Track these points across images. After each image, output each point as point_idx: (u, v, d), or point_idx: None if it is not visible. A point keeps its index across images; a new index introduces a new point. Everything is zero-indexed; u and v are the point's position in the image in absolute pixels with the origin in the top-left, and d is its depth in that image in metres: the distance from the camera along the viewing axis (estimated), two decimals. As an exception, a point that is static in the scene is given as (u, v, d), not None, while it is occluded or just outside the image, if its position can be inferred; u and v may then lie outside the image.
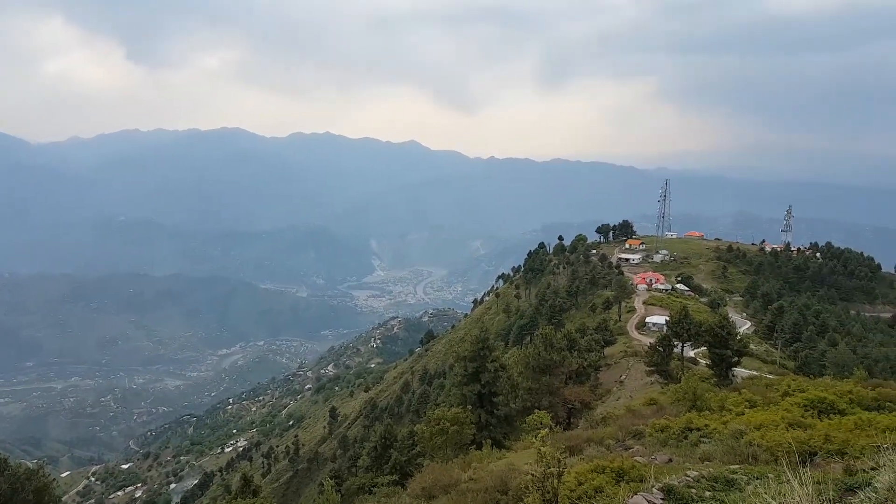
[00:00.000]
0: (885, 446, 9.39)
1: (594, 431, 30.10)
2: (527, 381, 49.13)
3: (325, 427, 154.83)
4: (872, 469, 9.67)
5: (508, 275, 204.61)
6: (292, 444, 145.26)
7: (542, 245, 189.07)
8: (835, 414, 26.24)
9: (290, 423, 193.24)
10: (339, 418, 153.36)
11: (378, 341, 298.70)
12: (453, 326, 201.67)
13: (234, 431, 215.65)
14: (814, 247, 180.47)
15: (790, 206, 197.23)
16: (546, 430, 19.23)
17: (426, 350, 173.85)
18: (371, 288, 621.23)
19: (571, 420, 44.95)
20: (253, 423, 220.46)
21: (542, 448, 13.32)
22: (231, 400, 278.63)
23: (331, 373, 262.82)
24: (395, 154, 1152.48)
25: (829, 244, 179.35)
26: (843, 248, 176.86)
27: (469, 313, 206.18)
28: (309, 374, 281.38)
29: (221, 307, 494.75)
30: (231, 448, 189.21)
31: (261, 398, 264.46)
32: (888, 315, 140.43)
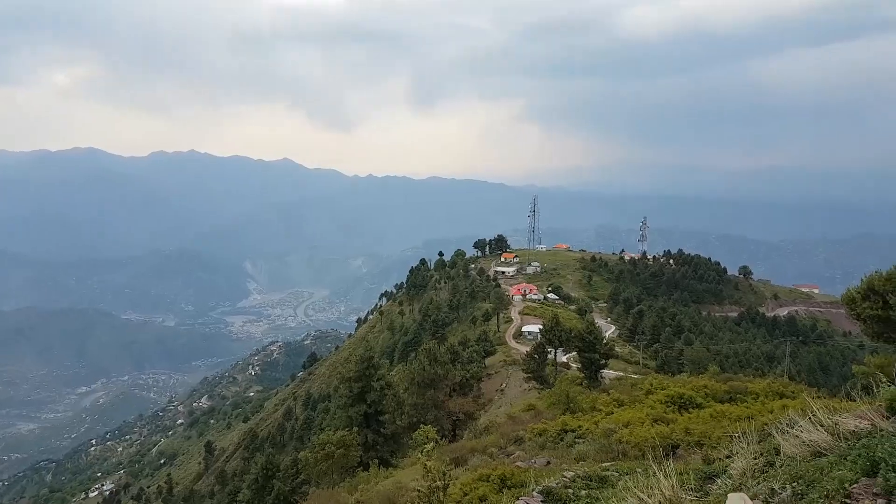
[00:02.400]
0: (736, 435, 10.28)
1: (478, 441, 30.57)
2: (412, 396, 49.06)
3: (200, 463, 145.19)
4: (727, 457, 10.42)
5: (391, 292, 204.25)
6: (165, 483, 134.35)
7: (423, 261, 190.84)
8: (693, 408, 28.53)
9: (162, 461, 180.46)
10: (216, 452, 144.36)
11: (257, 368, 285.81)
12: (337, 347, 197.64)
13: (99, 474, 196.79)
14: (667, 254, 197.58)
15: (645, 218, 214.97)
16: (432, 444, 19.27)
17: (309, 374, 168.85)
18: (247, 313, 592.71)
19: (457, 432, 45.39)
20: (120, 464, 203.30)
21: (427, 463, 13.26)
22: (94, 441, 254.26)
23: (205, 405, 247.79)
24: (268, 172, 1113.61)
25: (680, 251, 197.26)
26: (693, 254, 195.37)
27: (353, 333, 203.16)
28: (180, 408, 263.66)
29: (79, 341, 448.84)
30: (96, 492, 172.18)
31: (128, 437, 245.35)
32: (735, 314, 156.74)
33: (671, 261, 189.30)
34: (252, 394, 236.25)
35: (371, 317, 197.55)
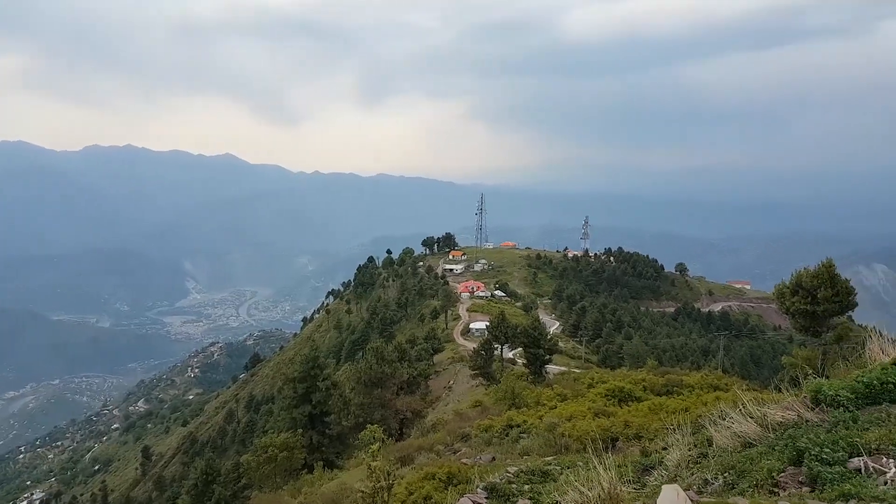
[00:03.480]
0: (672, 427, 10.59)
1: (425, 439, 30.55)
2: (359, 396, 48.59)
3: (137, 469, 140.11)
4: (664, 449, 10.72)
5: (339, 290, 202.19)
6: (99, 490, 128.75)
7: (371, 259, 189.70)
8: (633, 401, 29.40)
9: (96, 467, 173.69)
10: (154, 457, 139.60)
11: (196, 370, 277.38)
12: (282, 347, 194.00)
13: (29, 483, 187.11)
14: (608, 252, 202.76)
15: (587, 216, 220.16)
16: (377, 444, 19.10)
17: (252, 375, 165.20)
18: (186, 313, 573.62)
19: (404, 430, 45.25)
20: (51, 471, 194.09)
21: (371, 463, 13.14)
22: (23, 448, 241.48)
23: (142, 409, 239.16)
24: (209, 168, 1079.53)
25: (620, 249, 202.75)
26: (632, 252, 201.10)
27: (298, 332, 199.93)
28: (116, 412, 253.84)
29: (6, 344, 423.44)
30: (25, 502, 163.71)
31: (59, 443, 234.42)
32: (672, 310, 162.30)
33: (612, 258, 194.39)
34: (192, 397, 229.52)
35: (317, 316, 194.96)
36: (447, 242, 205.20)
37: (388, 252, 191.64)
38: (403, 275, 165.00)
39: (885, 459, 6.74)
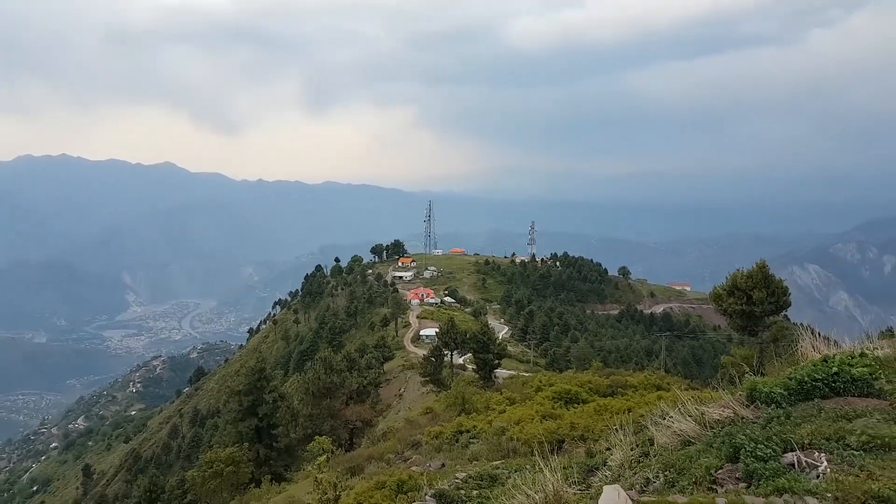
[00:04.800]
0: (616, 428, 10.76)
1: (375, 448, 30.22)
2: (307, 407, 47.75)
3: (78, 488, 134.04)
4: (608, 449, 10.87)
5: (286, 300, 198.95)
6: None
7: (319, 268, 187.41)
8: (579, 403, 29.83)
9: (34, 488, 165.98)
10: (95, 476, 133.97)
11: (138, 385, 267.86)
12: (227, 360, 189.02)
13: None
14: (554, 257, 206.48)
15: (533, 222, 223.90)
16: (324, 455, 18.75)
17: (196, 389, 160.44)
18: (126, 326, 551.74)
19: (354, 440, 44.66)
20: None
21: (318, 475, 12.86)
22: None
23: (82, 426, 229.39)
24: (148, 177, 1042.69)
25: (565, 254, 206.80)
26: (577, 256, 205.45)
27: (244, 344, 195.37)
28: (54, 430, 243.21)
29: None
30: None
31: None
32: (616, 312, 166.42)
33: (557, 263, 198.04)
34: (134, 412, 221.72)
35: (264, 326, 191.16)
36: (396, 250, 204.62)
37: (337, 260, 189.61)
38: (352, 283, 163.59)
39: (816, 454, 6.99)
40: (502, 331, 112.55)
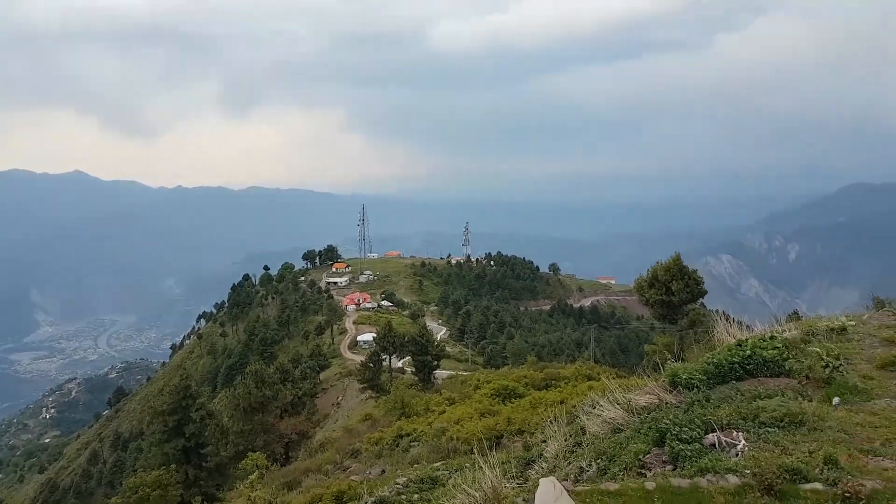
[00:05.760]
0: (550, 420, 11.05)
1: (312, 460, 29.68)
2: (238, 423, 46.27)
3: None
4: (543, 442, 11.17)
5: (212, 313, 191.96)
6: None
7: (246, 277, 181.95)
8: (516, 397, 30.40)
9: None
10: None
11: (52, 410, 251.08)
12: (149, 379, 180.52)
13: None
14: (488, 256, 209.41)
15: (467, 223, 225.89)
16: (257, 472, 18.25)
17: (116, 411, 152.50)
18: (37, 348, 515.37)
19: (290, 454, 43.62)
20: None
21: (251, 494, 12.50)
22: None
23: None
24: (55, 187, 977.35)
25: (499, 253, 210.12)
26: (510, 255, 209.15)
27: (167, 361, 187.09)
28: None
29: None
30: None
31: None
32: (548, 307, 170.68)
33: (492, 262, 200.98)
34: (48, 440, 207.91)
35: (188, 342, 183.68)
36: (329, 255, 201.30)
37: (266, 268, 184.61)
38: (284, 291, 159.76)
39: (735, 433, 7.48)
40: (440, 332, 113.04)
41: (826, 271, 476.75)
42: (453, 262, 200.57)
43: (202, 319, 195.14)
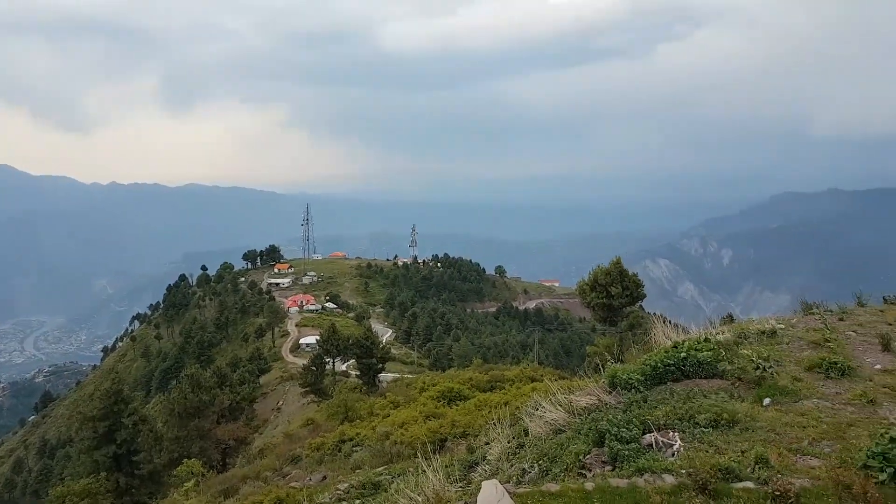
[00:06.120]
0: (494, 422, 11.08)
1: (251, 467, 28.89)
2: (173, 429, 44.72)
3: None
4: (487, 444, 11.18)
5: (146, 314, 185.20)
6: None
7: (183, 277, 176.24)
8: (461, 400, 30.42)
9: None
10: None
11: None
12: (78, 383, 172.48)
13: None
14: (435, 258, 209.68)
15: (414, 224, 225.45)
16: (192, 480, 17.58)
17: (43, 417, 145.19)
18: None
19: (227, 461, 42.38)
20: None
21: (185, 502, 12.01)
22: None
23: None
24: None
25: (446, 255, 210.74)
26: (457, 257, 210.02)
27: (98, 365, 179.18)
28: None
29: None
30: None
31: None
32: (493, 309, 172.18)
33: (439, 264, 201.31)
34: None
35: (120, 344, 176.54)
36: (271, 255, 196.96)
37: (204, 268, 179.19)
38: (222, 292, 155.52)
39: (671, 433, 7.67)
40: (386, 334, 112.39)
41: (758, 275, 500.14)
42: (400, 263, 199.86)
43: (136, 321, 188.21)
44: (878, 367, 10.03)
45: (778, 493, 6.00)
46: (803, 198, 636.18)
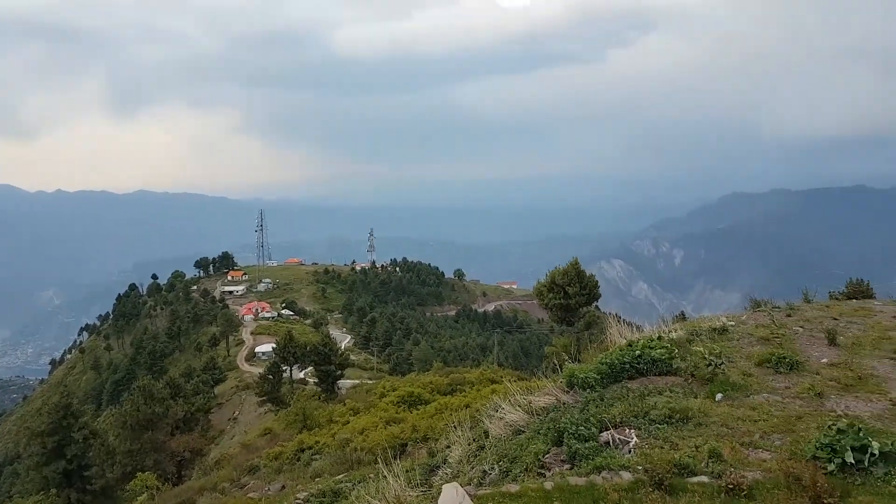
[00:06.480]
0: (454, 425, 11.06)
1: (207, 479, 28.22)
2: (126, 442, 43.34)
3: None
4: (447, 447, 11.16)
5: (95, 325, 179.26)
6: None
7: (133, 286, 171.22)
8: (422, 404, 30.34)
9: None
10: None
11: None
12: (25, 398, 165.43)
13: None
14: (394, 263, 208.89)
15: (372, 229, 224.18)
16: (146, 493, 17.02)
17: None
18: None
19: (183, 473, 41.29)
20: None
21: (137, 519, 11.61)
22: None
23: None
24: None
25: (405, 259, 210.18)
26: (415, 261, 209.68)
27: (46, 378, 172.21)
28: None
29: None
30: None
31: None
32: (453, 312, 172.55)
33: (397, 269, 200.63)
34: None
35: (69, 356, 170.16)
36: (225, 263, 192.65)
37: (154, 277, 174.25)
38: (174, 301, 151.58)
39: (627, 430, 7.80)
40: (345, 340, 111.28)
41: (709, 274, 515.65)
42: (358, 268, 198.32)
43: (85, 332, 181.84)
44: (824, 360, 10.42)
45: (731, 486, 6.17)
46: (750, 198, 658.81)
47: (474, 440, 9.87)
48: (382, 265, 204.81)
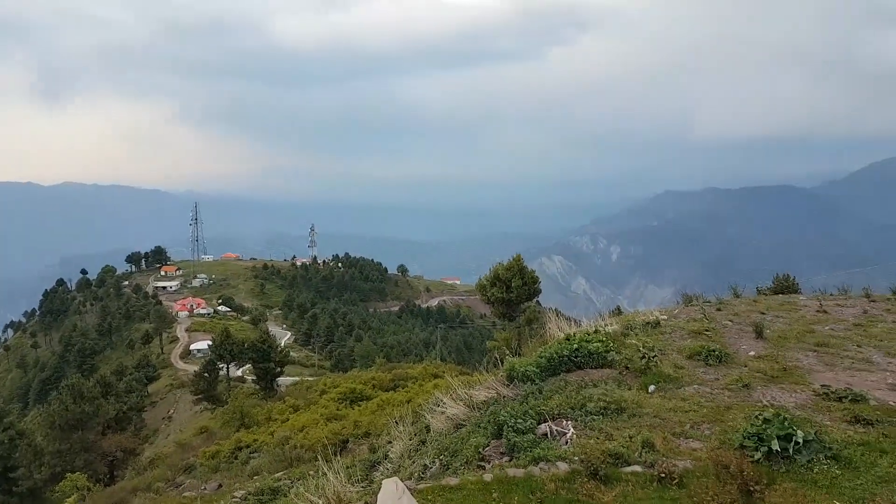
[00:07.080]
0: (396, 420, 11.06)
1: (141, 478, 27.32)
2: (54, 443, 41.76)
3: None
4: (389, 443, 11.16)
5: (20, 322, 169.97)
6: None
7: (61, 282, 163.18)
8: (364, 400, 30.20)
9: None
10: None
11: None
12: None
13: None
14: (336, 258, 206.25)
15: (313, 224, 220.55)
16: (76, 494, 16.30)
17: None
18: None
19: (115, 473, 39.87)
20: None
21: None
22: None
23: None
24: None
25: (347, 255, 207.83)
26: (358, 257, 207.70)
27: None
28: None
29: None
30: None
31: None
32: (396, 308, 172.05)
33: (339, 264, 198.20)
34: None
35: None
36: (157, 257, 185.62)
37: (84, 272, 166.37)
38: (105, 297, 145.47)
39: (565, 422, 8.00)
40: (285, 337, 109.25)
41: (644, 270, 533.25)
42: (299, 264, 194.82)
43: (9, 329, 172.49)
44: (752, 353, 10.94)
45: (663, 475, 6.44)
46: (683, 196, 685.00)
47: (416, 435, 9.91)
48: (324, 261, 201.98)
